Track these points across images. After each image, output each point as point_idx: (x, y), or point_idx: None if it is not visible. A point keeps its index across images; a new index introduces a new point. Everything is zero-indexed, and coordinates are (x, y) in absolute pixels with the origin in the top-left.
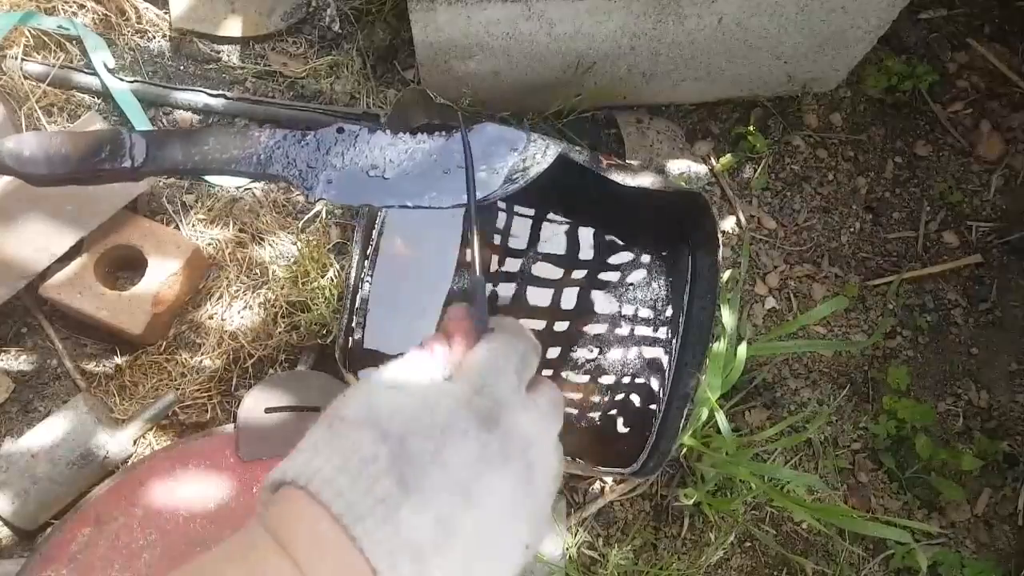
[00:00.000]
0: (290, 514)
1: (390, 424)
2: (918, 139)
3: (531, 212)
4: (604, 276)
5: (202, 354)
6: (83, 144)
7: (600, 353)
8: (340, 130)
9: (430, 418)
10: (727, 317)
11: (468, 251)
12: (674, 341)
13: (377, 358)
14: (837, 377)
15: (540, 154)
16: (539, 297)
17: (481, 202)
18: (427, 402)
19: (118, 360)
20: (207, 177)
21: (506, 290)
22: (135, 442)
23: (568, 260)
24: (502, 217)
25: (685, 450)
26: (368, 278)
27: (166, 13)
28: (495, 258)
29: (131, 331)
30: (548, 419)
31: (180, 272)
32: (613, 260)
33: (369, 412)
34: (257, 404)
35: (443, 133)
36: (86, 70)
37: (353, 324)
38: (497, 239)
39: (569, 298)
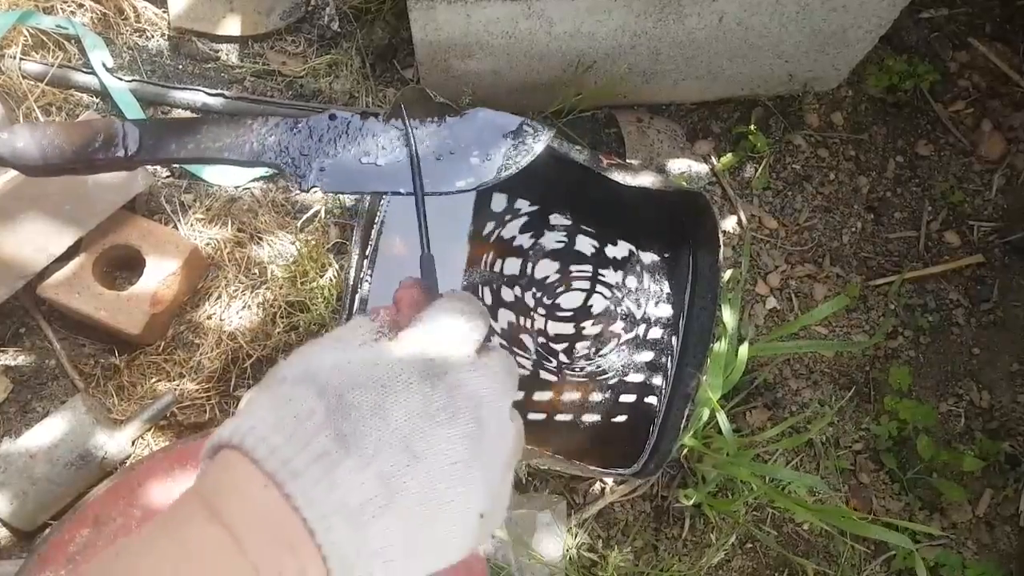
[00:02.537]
0: (223, 477)
1: (329, 379)
2: (919, 138)
3: (534, 210)
4: (605, 276)
5: (200, 354)
6: (76, 134)
7: (601, 353)
8: (332, 117)
9: (371, 373)
10: (728, 317)
11: (420, 229)
12: (675, 341)
13: None
14: (838, 377)
15: (533, 139)
16: (541, 296)
17: (478, 188)
18: (368, 358)
19: (116, 360)
20: (204, 176)
21: (509, 294)
22: (133, 442)
23: (569, 259)
24: (504, 216)
25: (686, 451)
26: (367, 278)
27: (164, 12)
28: (498, 257)
29: (129, 331)
30: (499, 380)
31: (178, 272)
32: (614, 260)
33: (307, 369)
34: None
35: (434, 120)
36: (85, 69)
37: None
38: (501, 237)
39: (570, 298)
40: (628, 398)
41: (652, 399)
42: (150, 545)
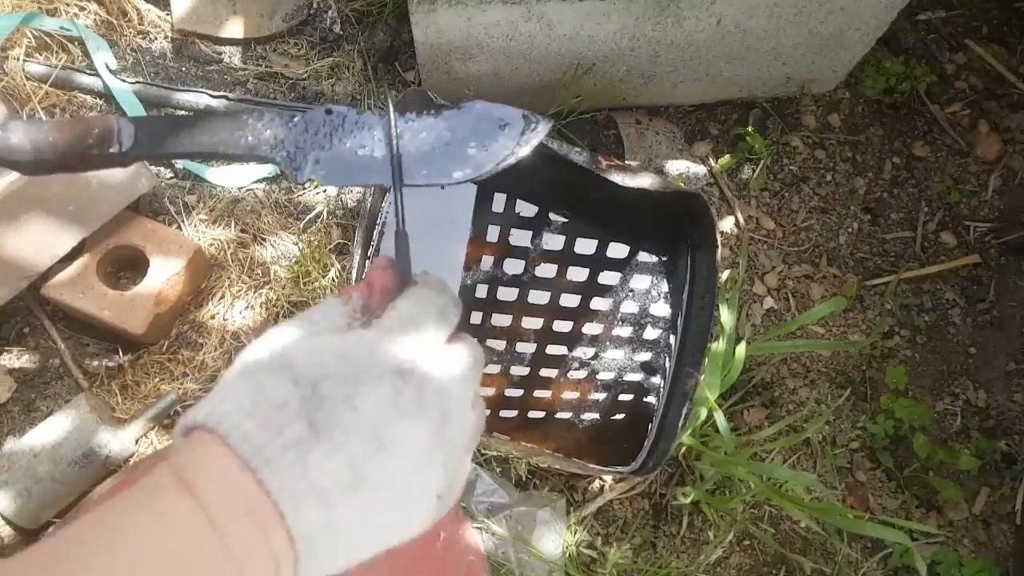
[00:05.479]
0: (198, 457)
1: (304, 369)
2: (916, 140)
3: (534, 211)
4: (604, 276)
5: (204, 353)
6: (70, 131)
7: (600, 352)
8: (328, 111)
9: (344, 364)
10: (726, 317)
11: (395, 206)
12: (673, 341)
13: None
14: (835, 377)
15: (531, 130)
16: (540, 296)
17: (475, 179)
18: (342, 348)
19: (120, 359)
20: (208, 177)
21: (509, 293)
22: (137, 441)
23: (568, 260)
24: (504, 216)
25: (684, 449)
26: None
27: (168, 14)
28: (499, 258)
29: (133, 331)
30: (466, 372)
31: (182, 272)
32: (613, 260)
33: (283, 356)
34: None
35: (431, 112)
36: (88, 71)
37: None
38: (501, 238)
39: (570, 298)
40: (627, 397)
41: (651, 398)
42: (124, 513)
